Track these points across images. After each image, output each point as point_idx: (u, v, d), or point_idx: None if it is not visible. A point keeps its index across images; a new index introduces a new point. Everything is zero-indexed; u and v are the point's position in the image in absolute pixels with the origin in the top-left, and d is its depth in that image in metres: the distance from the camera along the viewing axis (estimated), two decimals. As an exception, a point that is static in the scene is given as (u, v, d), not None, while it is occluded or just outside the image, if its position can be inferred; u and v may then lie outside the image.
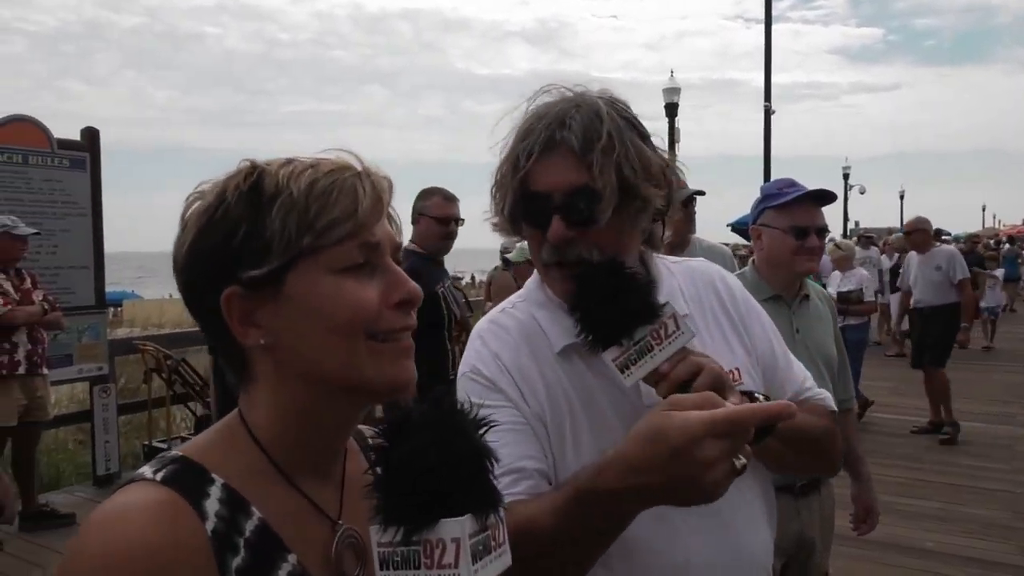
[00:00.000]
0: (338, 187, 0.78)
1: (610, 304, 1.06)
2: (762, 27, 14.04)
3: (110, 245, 6.22)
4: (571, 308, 1.12)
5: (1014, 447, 6.73)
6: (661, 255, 1.35)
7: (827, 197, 2.48)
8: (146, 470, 0.77)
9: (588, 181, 1.12)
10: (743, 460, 0.89)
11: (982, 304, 12.07)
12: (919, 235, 7.23)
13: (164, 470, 0.77)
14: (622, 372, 1.07)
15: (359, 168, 0.82)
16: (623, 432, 1.05)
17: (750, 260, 2.61)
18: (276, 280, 0.78)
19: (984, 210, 70.07)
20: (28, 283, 4.95)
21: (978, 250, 14.63)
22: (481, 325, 1.30)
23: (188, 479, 0.76)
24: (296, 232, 0.77)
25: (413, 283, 0.83)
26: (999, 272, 13.13)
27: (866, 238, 13.06)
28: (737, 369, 1.23)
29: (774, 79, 14.11)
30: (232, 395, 0.87)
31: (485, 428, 0.79)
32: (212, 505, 0.75)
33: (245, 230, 0.78)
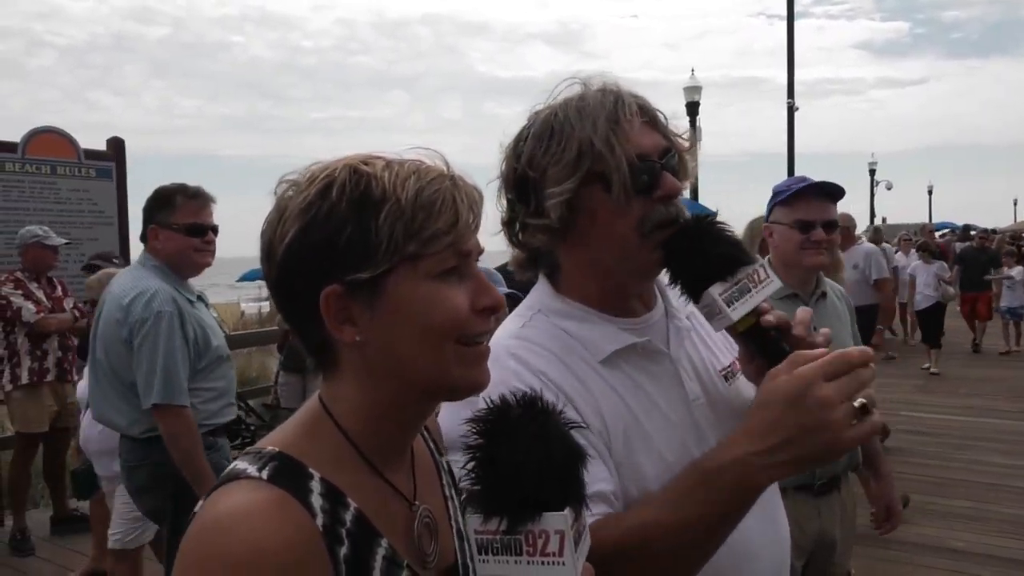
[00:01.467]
0: (441, 196, 0.81)
1: (724, 244, 1.13)
2: (784, 23, 13.93)
3: (138, 252, 6.33)
4: (681, 253, 1.13)
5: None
6: None
7: (834, 190, 2.44)
8: (248, 468, 0.77)
9: (671, 144, 1.18)
10: (862, 400, 0.92)
11: (1002, 305, 11.46)
12: (841, 232, 6.88)
13: (267, 467, 0.77)
14: (728, 306, 1.10)
15: (454, 175, 0.85)
16: (689, 426, 1.18)
17: (766, 259, 2.60)
18: (377, 283, 0.80)
19: (1016, 204, 68.71)
20: (59, 291, 5.06)
21: (988, 247, 13.12)
22: (507, 342, 1.18)
23: (292, 476, 0.77)
24: (403, 239, 0.79)
25: (497, 290, 0.86)
26: (1016, 271, 11.80)
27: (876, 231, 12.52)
28: (735, 361, 1.25)
29: (798, 75, 14.00)
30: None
31: (575, 429, 0.86)
32: (316, 500, 0.77)
33: (350, 232, 0.79)
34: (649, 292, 1.27)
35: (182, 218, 2.86)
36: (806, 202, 2.41)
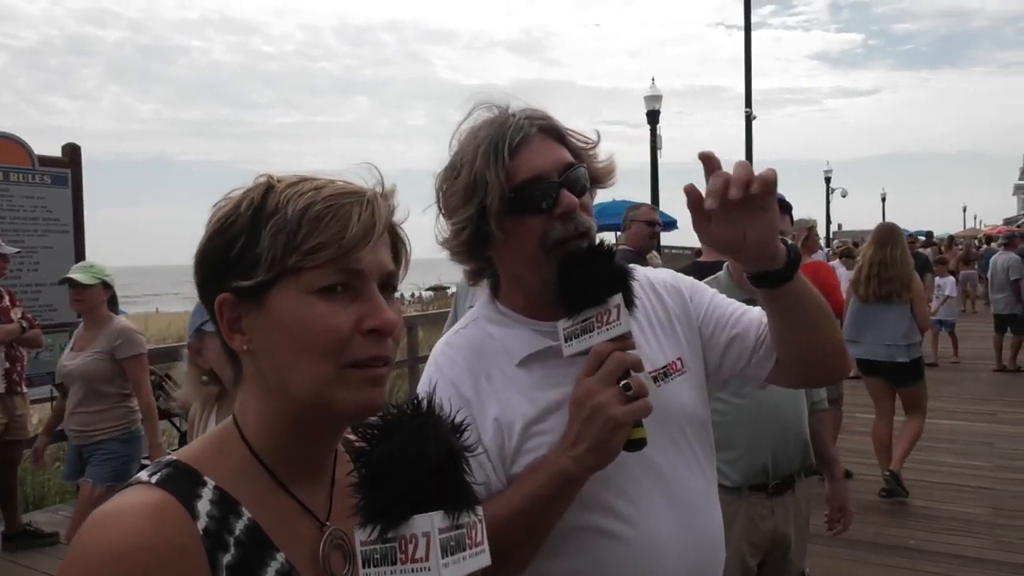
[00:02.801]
0: (332, 212, 0.81)
1: (590, 273, 1.17)
2: (743, 33, 14.21)
3: (97, 260, 6.20)
4: (559, 273, 1.19)
5: (995, 444, 6.82)
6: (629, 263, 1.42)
7: (778, 201, 2.50)
8: (142, 475, 0.82)
9: (572, 157, 1.24)
10: (625, 381, 1.11)
11: (935, 317, 10.32)
12: (812, 238, 6.28)
13: (158, 474, 0.81)
14: (566, 341, 1.19)
15: (368, 192, 0.85)
16: None
17: (725, 265, 2.65)
18: (260, 293, 0.82)
19: (965, 211, 70.83)
20: (6, 301, 4.92)
21: (920, 250, 12.15)
22: (437, 348, 1.35)
23: (180, 481, 0.80)
24: (282, 251, 0.81)
25: (391, 314, 0.84)
26: (946, 281, 11.29)
27: (810, 229, 11.87)
28: (679, 359, 1.34)
29: (756, 84, 14.28)
30: None
31: (462, 430, 0.84)
32: (204, 506, 0.79)
33: (243, 242, 0.83)
34: None
35: None
36: None
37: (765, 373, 1.34)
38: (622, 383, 1.11)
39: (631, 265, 1.39)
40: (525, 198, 1.19)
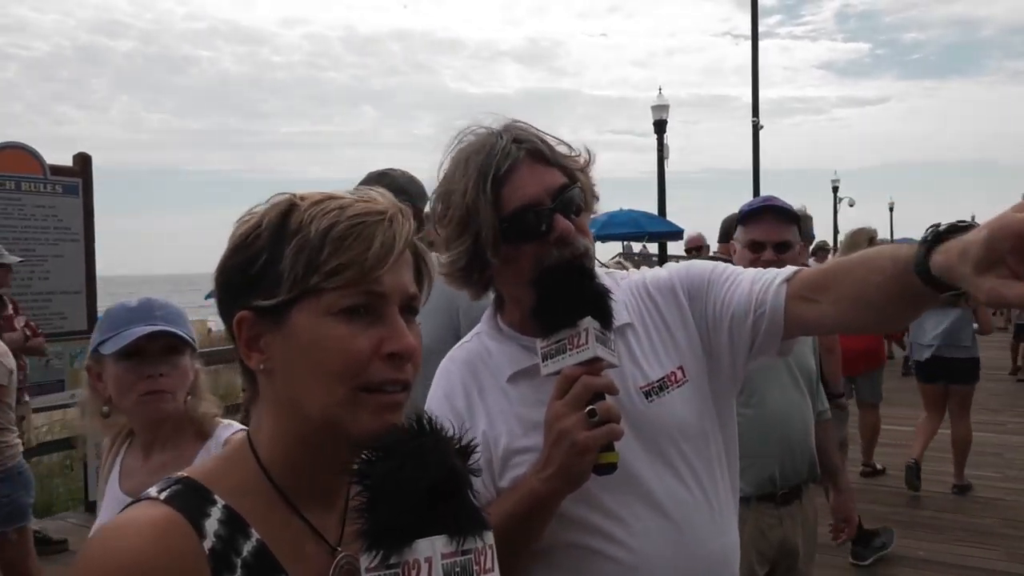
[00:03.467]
0: (356, 232, 0.80)
1: (562, 294, 1.16)
2: (750, 43, 14.23)
3: (104, 269, 6.24)
4: (535, 290, 1.18)
5: (1004, 455, 6.78)
6: (610, 269, 1.41)
7: (788, 213, 2.48)
8: (152, 490, 0.81)
9: (566, 178, 1.22)
10: (590, 407, 1.10)
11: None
12: (703, 253, 6.43)
13: (168, 490, 0.81)
14: (543, 361, 1.18)
15: (389, 212, 0.84)
16: None
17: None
18: (281, 312, 0.81)
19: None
20: (10, 310, 4.95)
21: None
22: (442, 362, 1.38)
23: (189, 499, 0.80)
24: (304, 271, 0.80)
25: (411, 338, 0.83)
26: None
27: (823, 251, 11.39)
28: (680, 368, 1.28)
29: (763, 94, 14.31)
30: None
31: (468, 452, 0.82)
32: (211, 525, 0.78)
33: (264, 260, 0.82)
34: None
35: None
36: (760, 223, 2.46)
37: (773, 348, 1.25)
38: (588, 408, 1.10)
39: (624, 273, 1.40)
40: (518, 227, 1.18)
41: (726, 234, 4.86)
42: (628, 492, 1.22)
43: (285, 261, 0.80)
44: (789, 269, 1.23)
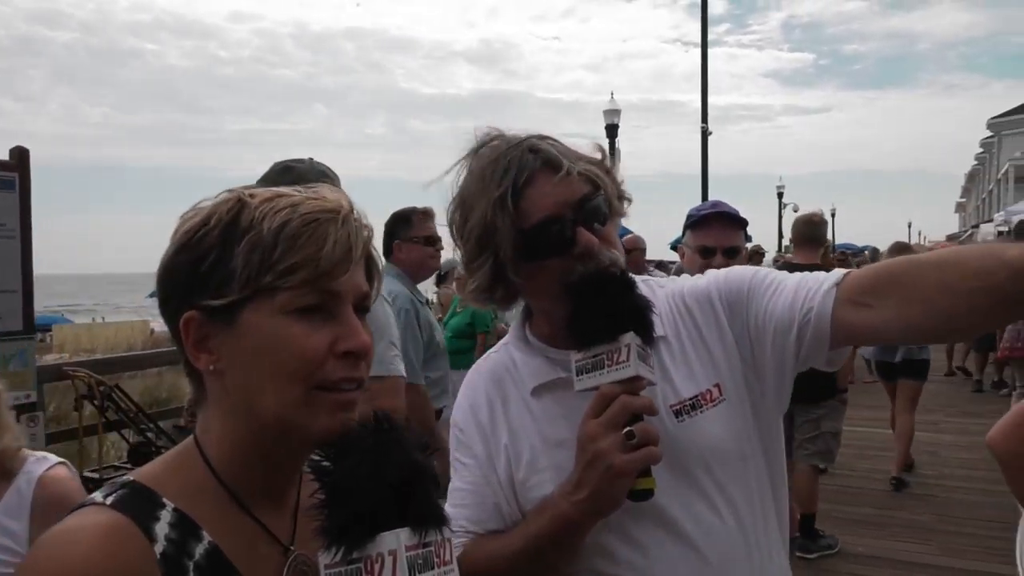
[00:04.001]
0: (310, 231, 0.79)
1: (599, 306, 1.08)
2: (699, 50, 14.50)
3: (42, 267, 6.02)
4: (572, 301, 1.11)
5: (939, 453, 7.03)
6: (648, 276, 1.34)
7: (737, 219, 2.54)
8: (97, 495, 0.79)
9: (589, 188, 1.14)
10: (628, 428, 1.02)
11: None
12: (636, 255, 6.06)
13: (114, 494, 0.78)
14: (577, 375, 1.10)
15: (343, 210, 0.83)
16: None
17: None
18: (232, 312, 0.79)
19: (910, 227, 73.10)
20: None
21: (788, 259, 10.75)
22: (470, 371, 1.35)
23: (138, 503, 0.78)
24: (257, 270, 0.78)
25: (365, 336, 0.82)
26: None
27: (758, 255, 11.51)
28: (717, 385, 1.18)
29: (711, 101, 14.57)
30: None
31: (427, 447, 0.81)
32: (162, 528, 0.77)
33: (214, 258, 0.80)
34: None
35: (418, 232, 3.47)
36: (710, 229, 2.51)
37: (820, 359, 1.15)
38: (626, 430, 1.03)
39: (668, 279, 1.33)
40: (539, 243, 1.11)
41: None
42: (652, 519, 1.14)
43: (237, 259, 0.78)
44: (839, 272, 1.13)
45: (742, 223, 2.56)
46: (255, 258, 0.78)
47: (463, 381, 1.35)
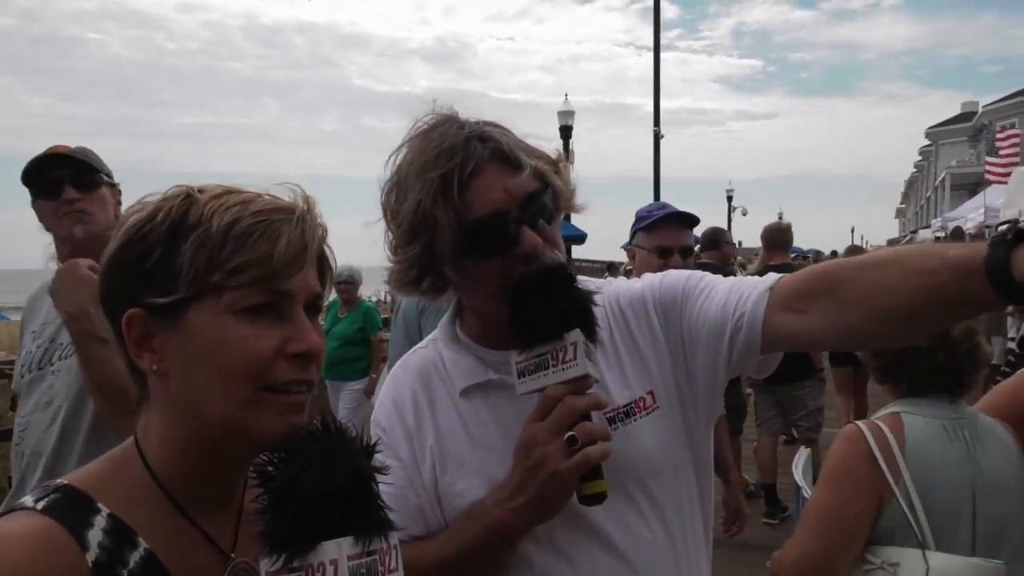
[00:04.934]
0: (261, 229, 0.77)
1: (545, 303, 1.03)
2: (651, 55, 14.69)
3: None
4: (508, 299, 1.05)
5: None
6: (585, 278, 1.23)
7: (690, 219, 2.65)
8: (27, 499, 0.76)
9: (537, 184, 1.07)
10: (570, 433, 0.99)
11: None
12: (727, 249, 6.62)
13: (46, 499, 0.75)
14: (519, 377, 1.05)
15: (297, 210, 0.80)
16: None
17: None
18: (178, 311, 0.77)
19: (853, 231, 75.38)
20: None
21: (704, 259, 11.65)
22: (394, 368, 1.28)
23: (70, 508, 0.75)
24: (205, 268, 0.76)
25: (316, 337, 0.80)
26: None
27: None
28: (651, 393, 1.15)
29: (663, 105, 14.78)
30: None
31: (372, 452, 0.80)
32: (95, 535, 0.74)
33: (159, 255, 0.77)
34: None
35: None
36: (665, 229, 2.59)
37: (752, 366, 1.12)
38: (568, 435, 0.99)
39: (602, 282, 1.27)
40: (480, 239, 1.04)
41: (711, 242, 5.45)
42: (581, 529, 1.10)
43: (183, 257, 0.76)
44: (772, 276, 1.10)
45: (692, 223, 2.66)
46: (202, 256, 0.76)
47: (387, 379, 1.26)
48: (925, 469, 1.58)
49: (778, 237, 5.57)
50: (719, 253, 5.50)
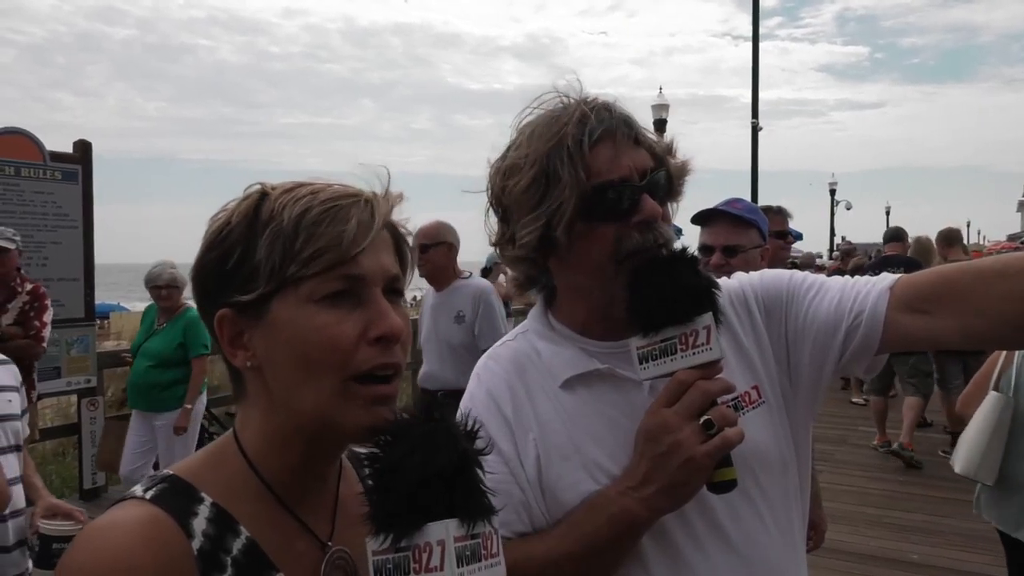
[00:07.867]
0: (330, 216, 0.78)
1: (674, 285, 1.02)
2: (750, 44, 14.24)
3: (98, 256, 6.22)
4: (631, 284, 1.05)
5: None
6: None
7: (736, 217, 2.43)
8: (137, 489, 0.80)
9: (655, 161, 1.09)
10: (706, 416, 0.97)
11: None
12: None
13: (153, 489, 0.79)
14: (641, 363, 1.04)
15: (369, 195, 0.81)
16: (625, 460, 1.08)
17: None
18: (261, 306, 0.79)
19: (969, 226, 70.75)
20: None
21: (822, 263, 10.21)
22: (481, 361, 1.23)
23: (176, 497, 0.78)
24: (281, 261, 0.77)
25: (397, 319, 0.80)
26: None
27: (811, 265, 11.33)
28: (755, 387, 1.14)
29: (762, 96, 14.30)
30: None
31: (475, 436, 0.80)
32: (199, 524, 0.77)
33: (239, 254, 0.79)
34: None
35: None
36: (713, 227, 2.46)
37: (863, 364, 1.12)
38: (703, 419, 0.97)
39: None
40: (603, 201, 1.04)
41: (895, 236, 6.74)
42: (700, 525, 1.08)
43: (260, 252, 0.78)
44: (890, 276, 1.09)
45: (747, 223, 2.46)
46: (277, 249, 0.77)
47: (475, 373, 1.21)
48: None
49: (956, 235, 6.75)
50: (902, 245, 6.96)
